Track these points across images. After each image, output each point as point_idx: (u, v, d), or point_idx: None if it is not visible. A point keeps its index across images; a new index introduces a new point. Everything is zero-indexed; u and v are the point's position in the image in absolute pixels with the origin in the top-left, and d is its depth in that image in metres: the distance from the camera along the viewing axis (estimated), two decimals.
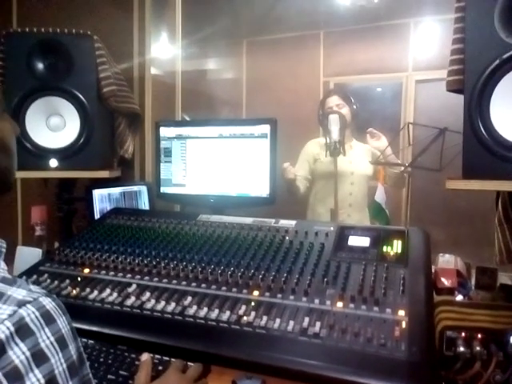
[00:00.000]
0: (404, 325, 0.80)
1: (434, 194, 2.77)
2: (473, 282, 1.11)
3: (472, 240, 2.77)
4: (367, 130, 2.13)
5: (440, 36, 3.59)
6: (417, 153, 1.95)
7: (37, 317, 0.45)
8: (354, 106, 2.18)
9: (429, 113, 3.55)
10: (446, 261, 1.08)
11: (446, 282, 0.95)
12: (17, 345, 0.43)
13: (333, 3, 3.49)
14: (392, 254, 1.03)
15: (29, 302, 0.45)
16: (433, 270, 1.02)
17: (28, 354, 0.43)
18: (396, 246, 1.05)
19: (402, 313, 0.83)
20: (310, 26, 4.00)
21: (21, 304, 0.45)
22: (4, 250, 0.56)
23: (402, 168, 1.95)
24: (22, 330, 0.43)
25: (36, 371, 0.43)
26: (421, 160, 1.92)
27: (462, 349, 0.75)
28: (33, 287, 0.48)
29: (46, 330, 0.45)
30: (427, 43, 3.77)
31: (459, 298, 0.98)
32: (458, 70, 0.92)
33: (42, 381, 0.43)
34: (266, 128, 1.42)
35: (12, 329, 0.43)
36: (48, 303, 0.47)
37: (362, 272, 0.97)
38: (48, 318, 0.46)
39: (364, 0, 3.31)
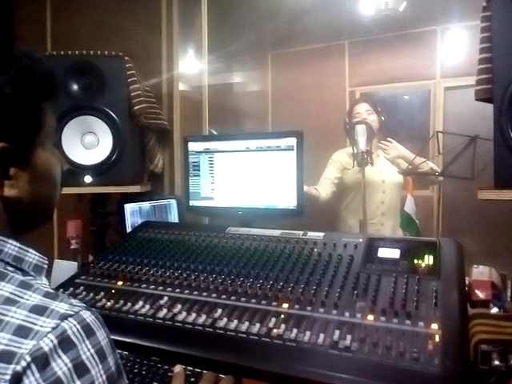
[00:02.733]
0: (437, 338, 0.79)
1: (466, 203, 2.70)
2: (508, 293, 1.07)
3: (507, 250, 2.67)
4: (379, 144, 2.13)
5: (468, 42, 3.53)
6: (447, 161, 1.92)
7: (78, 330, 0.47)
8: (382, 117, 2.18)
9: (459, 120, 3.47)
10: (481, 272, 1.05)
11: (480, 294, 0.93)
12: (60, 357, 0.45)
13: (357, 13, 3.49)
14: (423, 265, 1.01)
15: (70, 316, 0.47)
16: (467, 282, 1.00)
17: (70, 365, 0.45)
18: (427, 258, 1.03)
19: (435, 326, 0.82)
20: (334, 37, 4.02)
21: (63, 317, 0.47)
22: (46, 266, 0.59)
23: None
24: (65, 343, 0.45)
25: (77, 382, 0.45)
26: (452, 169, 1.89)
27: (497, 362, 0.73)
28: (74, 301, 0.50)
29: (87, 342, 0.47)
30: (455, 50, 3.70)
31: (494, 310, 0.95)
32: (487, 79, 0.91)
33: None
34: (292, 141, 1.44)
35: (55, 341, 0.45)
36: (88, 316, 0.49)
37: (392, 284, 0.95)
38: (88, 331, 0.48)
39: (389, 9, 3.29)
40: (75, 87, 1.54)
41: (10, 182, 0.55)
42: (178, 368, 0.78)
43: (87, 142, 1.56)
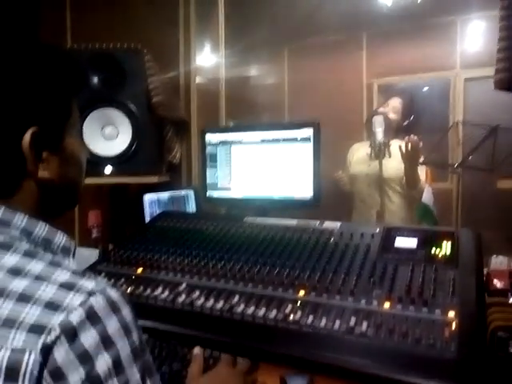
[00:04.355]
0: (454, 326, 0.79)
1: (486, 195, 2.65)
2: None
3: None
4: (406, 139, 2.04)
5: (489, 32, 3.45)
6: (467, 152, 1.89)
7: (105, 305, 0.49)
8: (406, 122, 2.14)
9: (479, 112, 3.40)
10: (499, 262, 1.04)
11: (498, 283, 0.92)
12: (88, 330, 0.47)
13: (375, 4, 3.45)
14: (441, 255, 1.01)
15: (97, 292, 0.50)
16: (485, 272, 0.99)
17: (98, 338, 0.47)
18: (445, 248, 1.03)
19: (452, 314, 0.82)
20: (351, 29, 3.96)
21: (90, 293, 0.49)
22: (73, 248, 0.61)
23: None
24: (92, 317, 0.48)
25: (104, 354, 0.47)
26: (472, 159, 1.86)
27: None
28: (100, 279, 0.53)
29: (113, 317, 0.49)
30: (476, 40, 3.63)
31: None
32: (505, 68, 0.90)
33: (110, 363, 0.47)
34: (308, 132, 1.44)
35: (83, 315, 0.47)
36: (114, 293, 0.51)
37: (409, 273, 0.95)
38: (114, 307, 0.50)
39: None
40: (95, 80, 1.57)
41: (42, 164, 0.58)
42: (196, 350, 0.81)
43: (107, 134, 1.59)
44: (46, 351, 0.45)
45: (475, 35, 3.66)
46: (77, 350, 0.46)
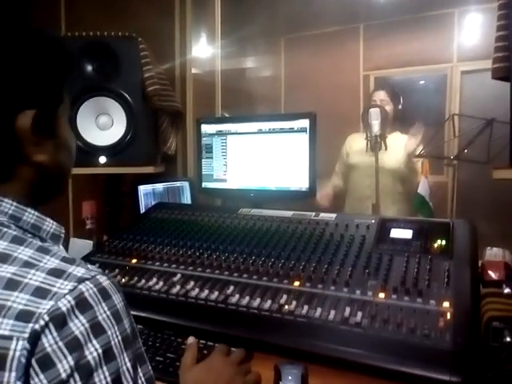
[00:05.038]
0: (449, 316, 0.79)
1: (481, 188, 2.66)
2: None
3: None
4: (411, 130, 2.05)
5: (487, 25, 3.43)
6: (463, 145, 1.89)
7: (94, 292, 0.48)
8: (400, 106, 2.15)
9: (476, 105, 3.40)
10: (494, 254, 1.04)
11: (493, 274, 0.92)
12: (77, 317, 0.46)
13: None
14: (436, 246, 1.01)
15: (87, 279, 0.48)
16: (480, 264, 0.99)
17: (87, 325, 0.46)
18: (440, 239, 1.03)
19: (446, 304, 0.82)
20: (349, 20, 3.94)
21: (80, 280, 0.48)
22: (63, 236, 0.60)
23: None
24: (82, 304, 0.47)
25: (94, 341, 0.46)
26: (468, 152, 1.87)
27: (508, 339, 0.73)
28: (90, 266, 0.51)
29: (103, 304, 0.48)
30: (473, 33, 3.61)
31: (507, 290, 0.94)
32: (503, 57, 0.89)
33: (100, 350, 0.46)
34: (305, 122, 1.43)
35: (73, 302, 0.46)
36: (104, 281, 0.50)
37: (404, 264, 0.95)
38: (104, 294, 0.49)
39: None
40: (89, 68, 1.55)
41: (38, 148, 0.57)
42: (191, 339, 0.80)
43: (101, 123, 1.57)
44: (34, 339, 0.44)
45: (472, 28, 3.64)
46: (66, 338, 0.45)
